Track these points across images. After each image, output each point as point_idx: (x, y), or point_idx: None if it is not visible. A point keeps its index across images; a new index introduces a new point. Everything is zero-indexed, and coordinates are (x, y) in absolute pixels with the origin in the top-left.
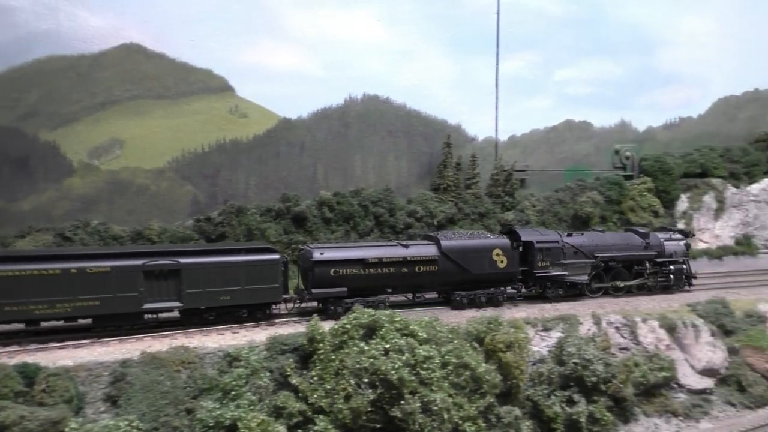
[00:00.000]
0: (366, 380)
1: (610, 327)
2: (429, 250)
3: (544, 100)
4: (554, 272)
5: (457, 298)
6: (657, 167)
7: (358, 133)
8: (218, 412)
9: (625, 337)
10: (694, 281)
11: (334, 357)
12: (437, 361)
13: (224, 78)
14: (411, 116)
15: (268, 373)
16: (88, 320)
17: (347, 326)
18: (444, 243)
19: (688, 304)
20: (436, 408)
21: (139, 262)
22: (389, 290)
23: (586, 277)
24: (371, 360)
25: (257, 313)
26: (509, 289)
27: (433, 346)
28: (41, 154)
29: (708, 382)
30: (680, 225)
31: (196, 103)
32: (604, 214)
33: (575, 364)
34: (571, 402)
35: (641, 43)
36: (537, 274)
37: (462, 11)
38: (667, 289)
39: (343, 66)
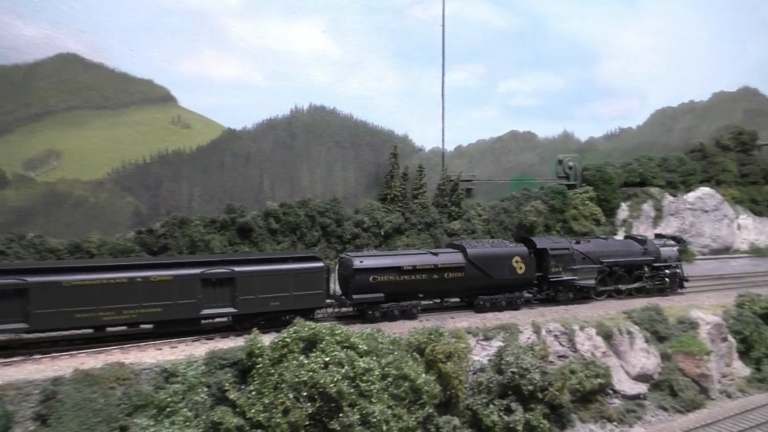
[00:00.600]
0: (305, 394)
1: (549, 335)
2: (457, 258)
3: (489, 111)
4: (566, 277)
5: (481, 302)
6: (598, 177)
7: (304, 143)
8: (152, 430)
9: (563, 345)
10: (686, 284)
11: (273, 371)
12: (377, 373)
13: (166, 88)
14: (358, 127)
15: (205, 389)
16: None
17: (287, 340)
18: (470, 251)
19: (624, 311)
20: (374, 420)
21: (197, 270)
22: (421, 295)
23: (593, 281)
24: (310, 373)
25: (303, 317)
26: (525, 293)
27: (374, 358)
28: None
29: (642, 388)
30: (620, 233)
31: (136, 114)
32: (548, 223)
33: (513, 373)
34: (509, 410)
35: (582, 56)
36: (551, 279)
37: (407, 23)
38: (662, 291)
39: (289, 77)
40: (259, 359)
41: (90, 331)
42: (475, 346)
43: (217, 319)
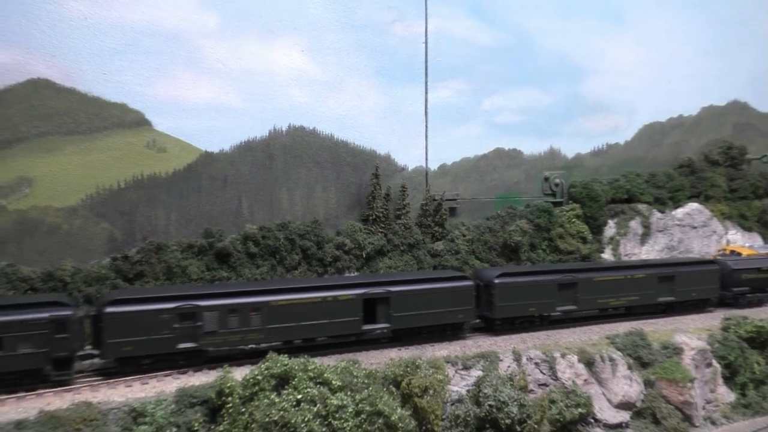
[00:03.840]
0: None
1: (530, 363)
2: None
3: (473, 128)
4: None
5: None
6: (585, 194)
7: (283, 165)
8: None
9: (544, 373)
10: None
11: (243, 410)
12: (350, 410)
13: (140, 112)
14: (339, 147)
15: (174, 429)
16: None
17: (258, 377)
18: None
19: (608, 336)
20: None
21: (360, 291)
22: None
23: None
24: (281, 413)
25: (455, 331)
26: None
27: (348, 393)
28: None
29: (624, 416)
30: (608, 251)
31: (110, 139)
32: (533, 242)
33: (491, 406)
34: None
35: (568, 71)
36: None
37: (389, 40)
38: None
39: (268, 97)
40: (229, 398)
41: None
42: (453, 376)
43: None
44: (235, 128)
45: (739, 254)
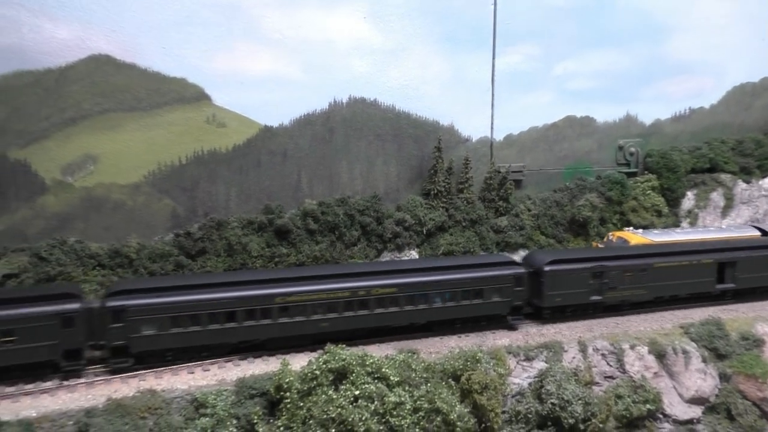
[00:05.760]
0: (333, 431)
1: (596, 354)
2: None
3: (543, 95)
4: None
5: None
6: (662, 164)
7: (343, 138)
8: None
9: (611, 365)
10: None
11: (302, 404)
12: (408, 407)
13: (200, 86)
14: (400, 118)
15: (234, 421)
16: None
17: (316, 372)
18: None
19: (681, 325)
20: None
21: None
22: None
23: None
24: (339, 410)
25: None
26: None
27: (406, 389)
28: (12, 173)
29: (696, 412)
30: (684, 224)
31: (170, 114)
32: (604, 216)
33: (553, 404)
34: None
35: (650, 30)
36: None
37: (455, 3)
38: None
39: (327, 68)
40: (287, 393)
41: None
42: (515, 368)
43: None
44: (295, 101)
45: (627, 241)
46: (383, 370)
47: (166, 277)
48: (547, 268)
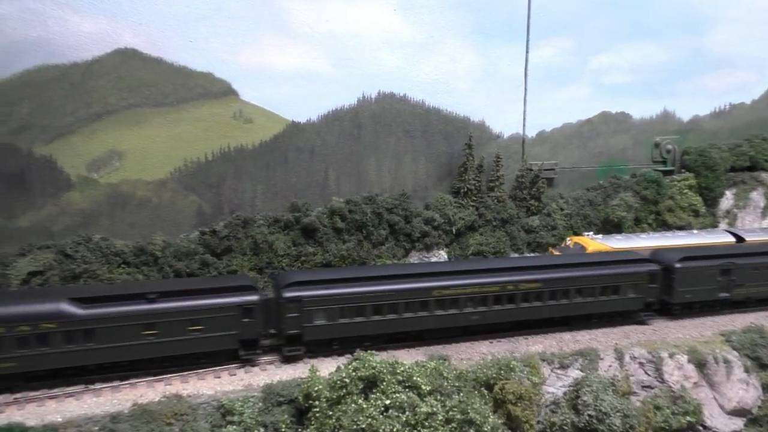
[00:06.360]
0: None
1: (633, 362)
2: None
3: (577, 90)
4: None
5: None
6: (700, 161)
7: (372, 134)
8: None
9: (649, 374)
10: None
11: (331, 413)
12: (440, 418)
13: (226, 81)
14: (430, 114)
15: (261, 429)
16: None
17: (346, 380)
18: None
19: (722, 332)
20: None
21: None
22: None
23: None
24: (369, 420)
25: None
26: None
27: (438, 398)
28: (37, 168)
29: (737, 424)
30: (722, 225)
31: (197, 110)
32: (639, 215)
33: (590, 416)
34: None
35: (690, 22)
36: None
37: None
38: None
39: (356, 62)
40: (316, 402)
41: None
42: (549, 376)
43: None
44: (323, 96)
45: (584, 247)
46: (414, 378)
47: (325, 269)
48: (678, 265)
